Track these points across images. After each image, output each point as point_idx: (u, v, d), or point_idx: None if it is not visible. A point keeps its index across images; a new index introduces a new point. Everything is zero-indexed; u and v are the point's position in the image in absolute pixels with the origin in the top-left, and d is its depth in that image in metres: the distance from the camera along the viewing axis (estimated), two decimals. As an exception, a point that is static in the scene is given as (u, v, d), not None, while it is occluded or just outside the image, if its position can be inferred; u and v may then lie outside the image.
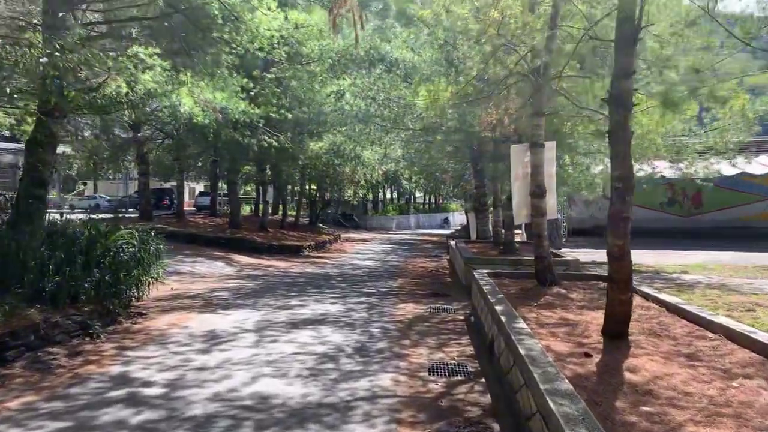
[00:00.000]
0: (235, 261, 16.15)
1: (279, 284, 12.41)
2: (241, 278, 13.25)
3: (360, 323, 8.38)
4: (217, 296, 10.55)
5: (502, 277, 9.25)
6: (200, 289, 11.38)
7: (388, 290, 12.01)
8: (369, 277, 14.45)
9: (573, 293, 7.92)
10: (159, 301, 9.80)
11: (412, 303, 10.35)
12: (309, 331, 7.72)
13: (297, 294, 11.05)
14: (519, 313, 6.45)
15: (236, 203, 21.43)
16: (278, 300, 10.26)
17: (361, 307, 9.80)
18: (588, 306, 7.04)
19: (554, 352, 4.87)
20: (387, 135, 17.48)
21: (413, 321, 8.66)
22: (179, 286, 11.62)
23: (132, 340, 7.05)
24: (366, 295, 11.10)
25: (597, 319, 6.24)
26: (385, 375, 5.77)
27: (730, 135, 10.19)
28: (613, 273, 5.13)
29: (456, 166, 20.35)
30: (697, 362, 4.67)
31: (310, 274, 14.69)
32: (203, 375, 5.68)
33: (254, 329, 7.80)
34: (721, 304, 7.67)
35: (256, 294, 10.92)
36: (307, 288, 11.93)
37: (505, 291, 7.95)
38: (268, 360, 6.23)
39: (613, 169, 4.79)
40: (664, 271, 12.18)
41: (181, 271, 13.58)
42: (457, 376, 5.82)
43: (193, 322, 8.19)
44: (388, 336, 7.58)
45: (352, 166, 22.37)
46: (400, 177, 38.94)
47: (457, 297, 11.01)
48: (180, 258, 15.29)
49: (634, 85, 5.48)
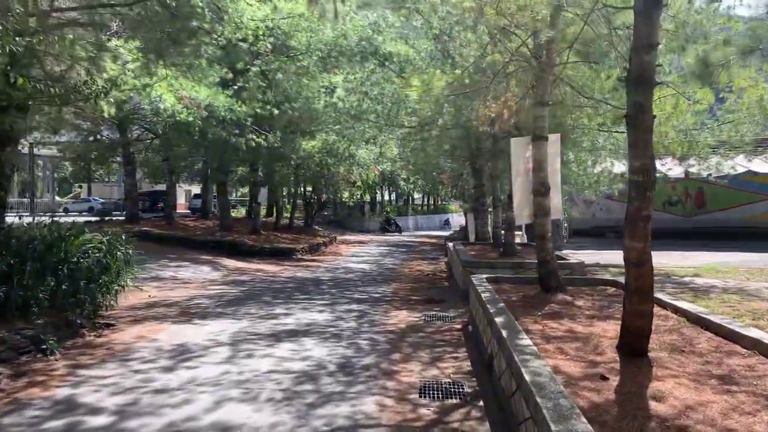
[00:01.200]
0: (222, 265, 15.43)
1: (265, 290, 11.69)
2: (226, 284, 12.53)
3: (347, 334, 7.66)
4: (196, 304, 9.83)
5: (502, 283, 8.54)
6: (180, 296, 10.66)
7: (381, 296, 11.30)
8: (362, 281, 13.73)
9: (580, 300, 7.22)
10: (132, 310, 9.08)
11: (406, 310, 9.63)
12: (290, 344, 7.00)
13: (283, 301, 10.33)
14: (522, 325, 5.73)
15: (226, 205, 20.71)
16: (262, 308, 9.54)
17: (351, 315, 9.08)
18: (598, 316, 6.33)
19: (564, 375, 4.16)
20: (381, 133, 16.78)
21: (406, 331, 7.94)
22: (158, 293, 10.90)
23: (90, 356, 6.33)
24: (357, 302, 10.38)
25: (609, 332, 5.53)
26: (370, 398, 5.06)
27: (746, 128, 9.51)
28: (632, 281, 4.42)
29: (453, 165, 19.64)
30: (734, 386, 3.96)
31: (300, 279, 13.97)
32: (161, 399, 4.96)
33: (230, 342, 7.08)
34: (744, 312, 6.96)
35: (240, 301, 10.20)
36: (295, 294, 11.21)
37: (506, 298, 7.24)
38: (239, 380, 5.51)
39: (632, 158, 4.09)
40: (675, 274, 11.47)
41: (162, 276, 12.86)
42: (451, 399, 5.11)
43: (164, 334, 7.47)
44: (376, 349, 6.86)
45: (347, 166, 21.66)
46: (398, 177, 38.23)
47: (454, 303, 10.30)
48: (163, 262, 14.58)
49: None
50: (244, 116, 14.32)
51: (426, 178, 27.19)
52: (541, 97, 7.09)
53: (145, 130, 21.08)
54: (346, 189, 29.76)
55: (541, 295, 7.26)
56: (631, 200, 4.18)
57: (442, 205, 60.98)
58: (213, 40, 10.46)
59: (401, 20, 11.82)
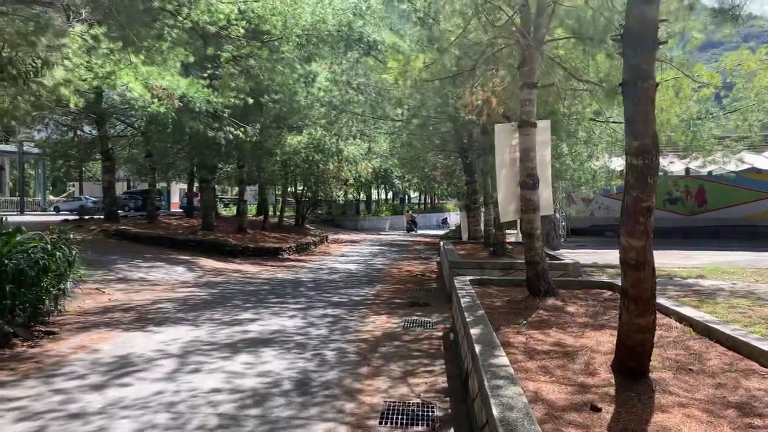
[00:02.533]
0: (199, 266, 14.65)
1: (237, 293, 10.91)
2: (198, 286, 11.74)
3: (315, 343, 6.89)
4: (157, 308, 9.05)
5: (487, 285, 7.78)
6: (143, 299, 9.88)
7: (362, 299, 10.52)
8: (345, 283, 12.95)
9: (572, 305, 6.45)
10: (84, 316, 8.30)
11: (386, 315, 8.86)
12: (247, 356, 6.22)
13: (253, 305, 9.55)
14: (503, 336, 4.96)
15: (210, 203, 19.90)
16: (228, 313, 8.76)
17: (324, 321, 8.30)
18: (591, 324, 5.56)
19: (546, 404, 3.38)
20: (367, 126, 15.97)
21: (380, 339, 7.16)
22: (121, 297, 10.11)
23: (11, 371, 5.55)
24: (334, 306, 9.60)
25: (603, 344, 4.77)
26: (321, 426, 4.28)
27: (754, 116, 8.71)
28: (629, 287, 3.65)
29: (445, 161, 18.86)
30: (757, 419, 3.19)
31: (279, 280, 13.19)
32: (71, 427, 4.18)
33: (179, 353, 6.30)
34: (757, 320, 6.19)
35: (206, 305, 9.42)
36: (269, 298, 10.42)
37: (489, 304, 6.47)
38: (172, 401, 4.73)
39: (630, 138, 3.31)
40: (678, 275, 10.69)
41: (130, 278, 12.07)
42: (417, 425, 4.33)
43: (109, 344, 6.69)
44: (343, 361, 6.09)
45: (336, 162, 20.85)
46: (391, 175, 37.41)
47: (438, 307, 9.53)
48: (136, 262, 13.80)
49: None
50: (220, 108, 13.54)
51: (418, 175, 26.38)
52: (529, 78, 6.31)
53: (127, 125, 20.28)
54: (337, 187, 28.94)
55: (529, 300, 6.49)
56: (629, 189, 3.40)
57: (439, 204, 60.13)
58: (178, 23, 9.68)
59: (383, 3, 11.03)
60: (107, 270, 12.44)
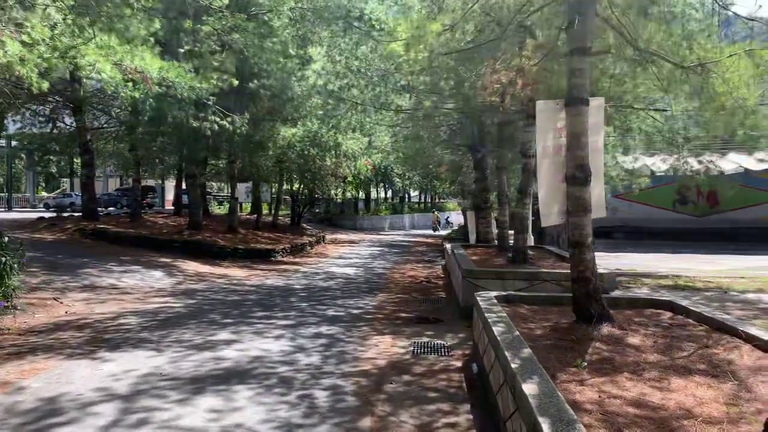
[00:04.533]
0: (180, 270, 13.19)
1: (218, 304, 9.48)
2: (175, 295, 10.30)
3: (303, 378, 5.45)
4: (118, 325, 7.60)
5: (516, 304, 6.34)
6: (106, 312, 8.44)
7: (362, 312, 9.09)
8: (343, 291, 11.52)
9: (633, 335, 5.01)
10: (26, 336, 6.86)
11: (390, 335, 7.43)
12: (213, 400, 4.79)
13: (234, 321, 8.11)
14: (564, 392, 3.53)
15: (197, 200, 18.43)
16: (202, 332, 7.33)
17: (317, 343, 6.87)
18: (670, 365, 4.14)
19: None
20: (367, 116, 14.51)
21: (386, 372, 5.74)
22: (81, 309, 8.68)
23: None
24: (329, 322, 8.17)
25: (705, 403, 3.37)
26: None
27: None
28: None
29: (452, 158, 17.42)
30: None
31: (268, 287, 11.75)
32: None
33: (127, 394, 4.87)
34: None
35: (177, 321, 7.98)
36: (253, 310, 8.99)
37: (527, 333, 5.04)
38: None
39: None
40: (730, 288, 9.26)
41: (98, 284, 10.62)
42: None
43: (40, 379, 5.25)
44: (338, 409, 4.65)
45: (333, 157, 19.40)
46: (392, 173, 35.97)
47: (451, 324, 8.12)
48: (110, 266, 12.35)
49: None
50: (205, 95, 12.10)
51: (420, 172, 24.92)
52: (581, 41, 4.87)
53: (106, 114, 18.81)
54: (335, 184, 27.52)
55: (578, 328, 5.05)
56: None
57: (439, 203, 58.71)
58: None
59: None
60: (73, 275, 11.00)
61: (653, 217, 25.46)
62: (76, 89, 16.30)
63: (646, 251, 17.64)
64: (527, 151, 9.46)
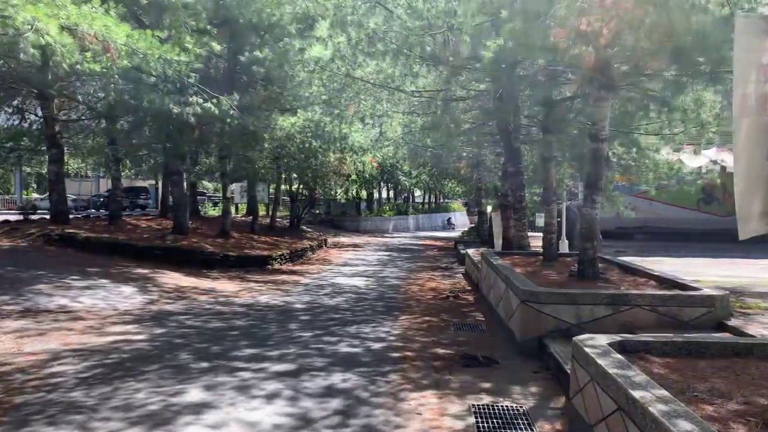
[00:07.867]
0: (157, 284, 10.93)
1: (193, 336, 7.22)
2: (141, 321, 8.03)
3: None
4: (43, 379, 5.33)
5: (640, 355, 4.10)
6: (37, 352, 6.18)
7: (385, 347, 6.84)
8: (354, 312, 9.28)
9: None
10: None
11: (433, 390, 5.19)
12: None
13: (211, 365, 5.86)
14: None
15: (182, 200, 16.13)
16: (162, 388, 5.08)
17: (328, 409, 4.65)
18: None
19: None
20: (379, 102, 12.33)
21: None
22: (7, 345, 6.43)
23: None
24: (343, 366, 5.92)
25: None
26: None
27: None
28: None
29: (474, 150, 15.17)
30: None
31: (261, 307, 9.50)
32: None
33: None
34: None
35: (132, 368, 5.72)
36: (239, 346, 6.73)
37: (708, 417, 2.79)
38: None
39: None
40: None
41: (45, 307, 8.36)
42: None
43: None
44: None
45: (337, 151, 17.18)
46: (397, 171, 33.66)
47: (510, 366, 5.89)
48: (68, 281, 10.10)
49: None
50: (185, 69, 9.91)
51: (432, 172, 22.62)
52: None
53: (78, 103, 16.53)
54: (338, 183, 25.27)
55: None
56: None
57: (444, 203, 56.36)
58: None
59: None
60: (15, 294, 8.76)
61: (677, 217, 23.59)
62: (45, 73, 14.02)
63: (681, 255, 15.45)
64: (599, 132, 7.24)
